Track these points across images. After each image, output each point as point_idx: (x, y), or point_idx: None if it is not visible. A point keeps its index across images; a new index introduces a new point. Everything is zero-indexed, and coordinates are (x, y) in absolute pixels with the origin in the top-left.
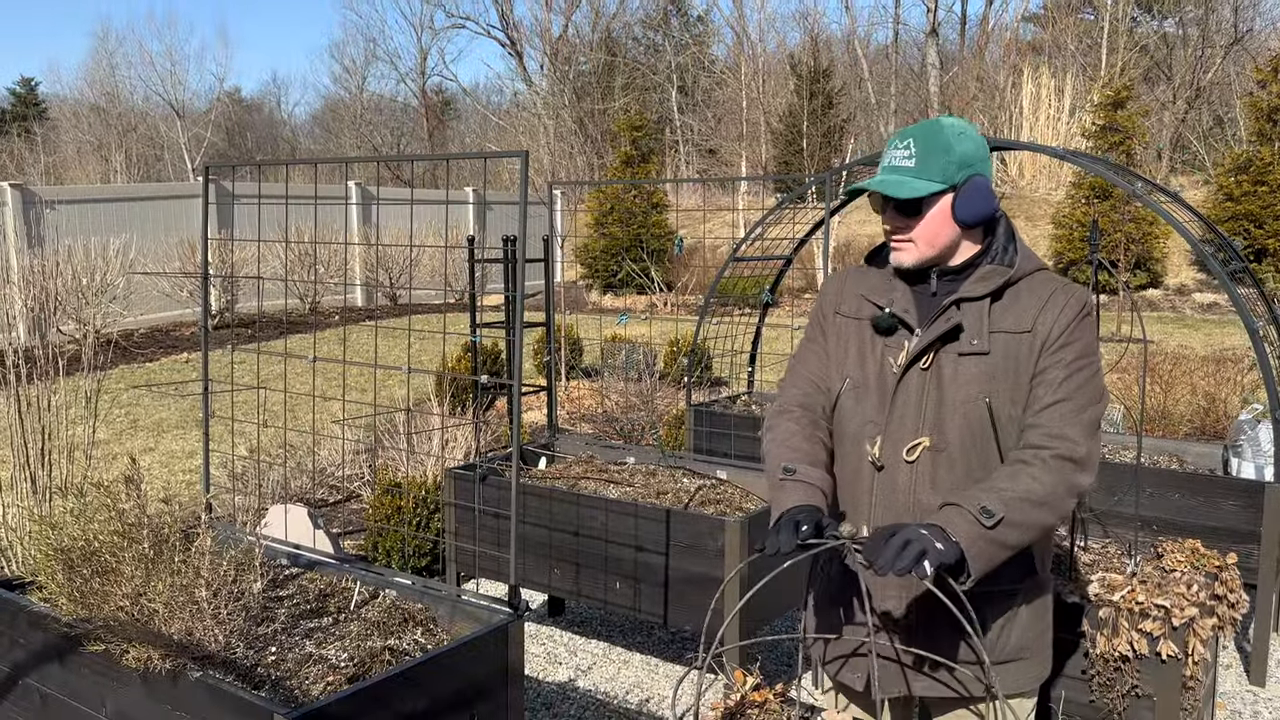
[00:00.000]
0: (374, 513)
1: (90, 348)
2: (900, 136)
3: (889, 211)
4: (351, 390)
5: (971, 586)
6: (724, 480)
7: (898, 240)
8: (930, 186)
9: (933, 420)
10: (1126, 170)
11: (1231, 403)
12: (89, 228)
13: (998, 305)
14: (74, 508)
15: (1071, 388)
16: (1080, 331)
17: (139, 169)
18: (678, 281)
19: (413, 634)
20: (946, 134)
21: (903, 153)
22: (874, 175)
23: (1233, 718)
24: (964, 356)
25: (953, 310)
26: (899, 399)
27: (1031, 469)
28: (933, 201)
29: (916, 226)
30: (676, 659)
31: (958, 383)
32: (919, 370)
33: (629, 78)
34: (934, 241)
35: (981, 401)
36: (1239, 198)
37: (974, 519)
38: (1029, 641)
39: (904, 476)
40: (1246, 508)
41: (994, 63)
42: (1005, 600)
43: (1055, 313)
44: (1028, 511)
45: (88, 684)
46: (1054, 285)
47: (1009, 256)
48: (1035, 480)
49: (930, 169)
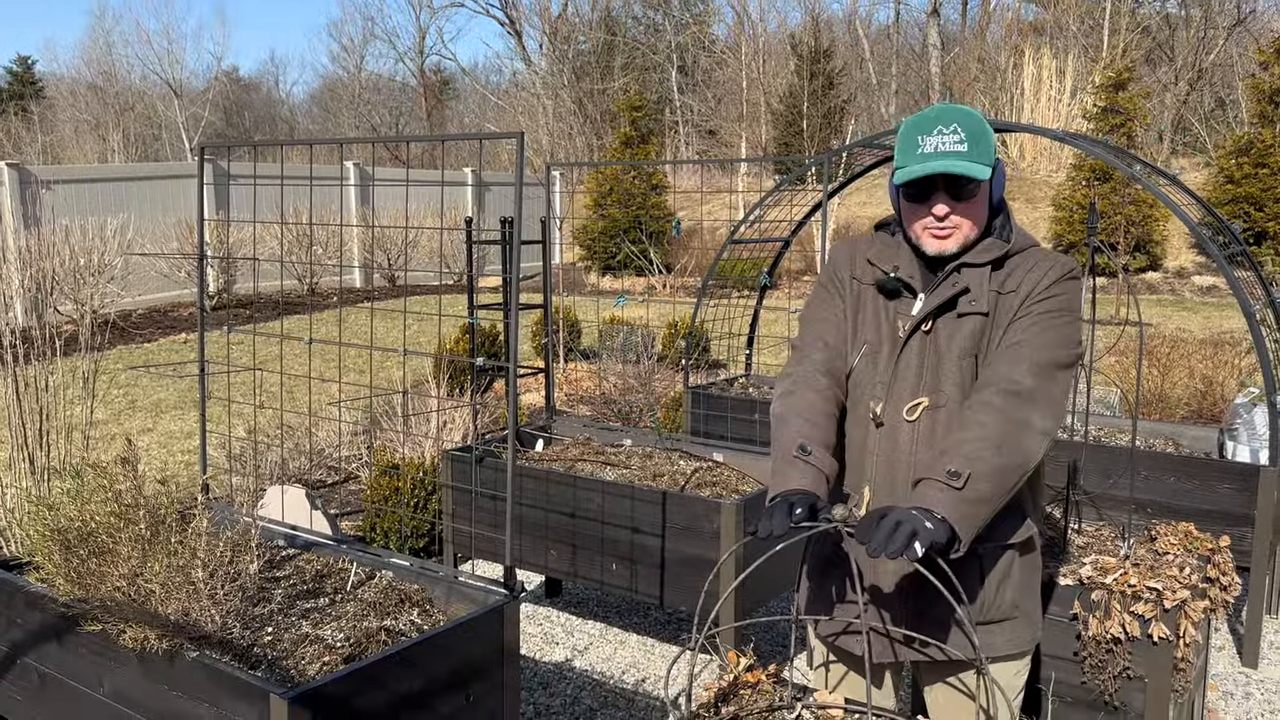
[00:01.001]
0: (372, 494)
1: (88, 328)
2: (940, 119)
3: (938, 198)
4: (349, 371)
5: (964, 551)
6: (720, 463)
7: (943, 229)
8: (986, 170)
9: (931, 380)
10: (1125, 153)
11: (1229, 386)
12: (86, 208)
13: (996, 274)
14: (71, 489)
15: (1032, 334)
16: (1059, 290)
17: (137, 148)
18: (677, 263)
19: (409, 615)
20: (981, 119)
21: (952, 137)
22: (917, 160)
23: (1225, 699)
24: (962, 317)
25: (956, 275)
26: (902, 360)
27: (976, 415)
28: (983, 185)
29: (967, 211)
30: (673, 639)
31: (953, 342)
32: (920, 333)
33: (629, 57)
34: (978, 225)
35: (971, 358)
36: (1240, 180)
37: (944, 486)
38: (1022, 599)
39: (905, 435)
40: (1241, 491)
41: (995, 44)
42: (999, 555)
43: (1039, 274)
44: (988, 458)
45: (85, 663)
46: (1043, 255)
47: (1006, 233)
48: (981, 425)
49: (981, 152)
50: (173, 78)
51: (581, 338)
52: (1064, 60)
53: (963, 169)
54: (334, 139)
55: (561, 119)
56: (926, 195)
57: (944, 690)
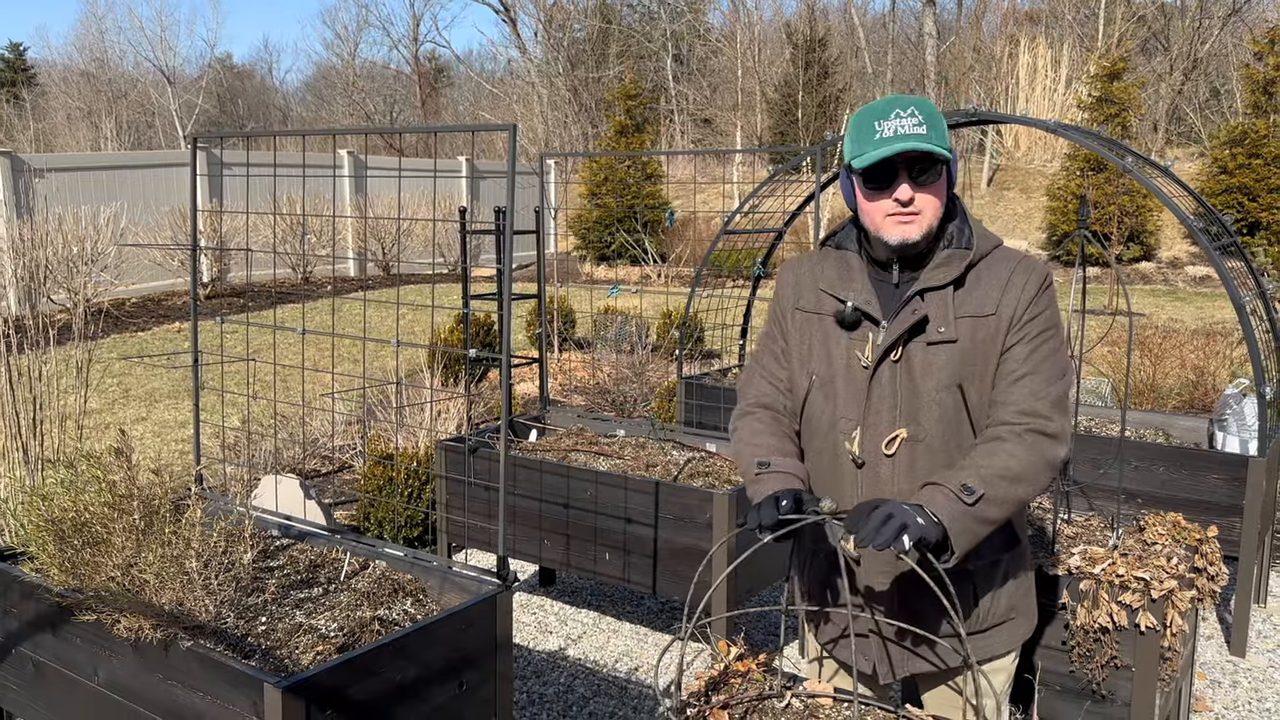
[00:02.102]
0: (366, 484)
1: (81, 317)
2: (895, 105)
3: (901, 183)
4: (344, 361)
5: (955, 564)
6: (713, 453)
7: (906, 215)
8: (947, 152)
9: (908, 412)
10: (1118, 144)
11: (1221, 376)
12: (79, 196)
13: (960, 291)
14: (64, 479)
15: (1037, 361)
16: (1042, 305)
17: (130, 136)
18: (671, 253)
19: (402, 604)
20: (933, 105)
21: (911, 120)
22: (876, 145)
23: (1212, 687)
24: (933, 345)
25: (917, 301)
26: (873, 393)
27: (1007, 445)
28: (943, 168)
29: (929, 196)
30: (665, 628)
31: (930, 372)
32: (890, 363)
33: (624, 45)
34: (938, 212)
35: (954, 389)
36: (1234, 170)
37: (955, 496)
38: (1016, 602)
39: (885, 469)
40: (1230, 481)
41: (991, 33)
42: (990, 571)
43: (1017, 292)
44: (1006, 488)
45: (80, 653)
46: (1012, 264)
47: (965, 238)
48: (1012, 457)
49: (939, 136)
50: (166, 65)
51: (576, 327)
52: (1059, 50)
53: (927, 147)
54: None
55: (556, 107)
56: (889, 181)
57: (939, 691)
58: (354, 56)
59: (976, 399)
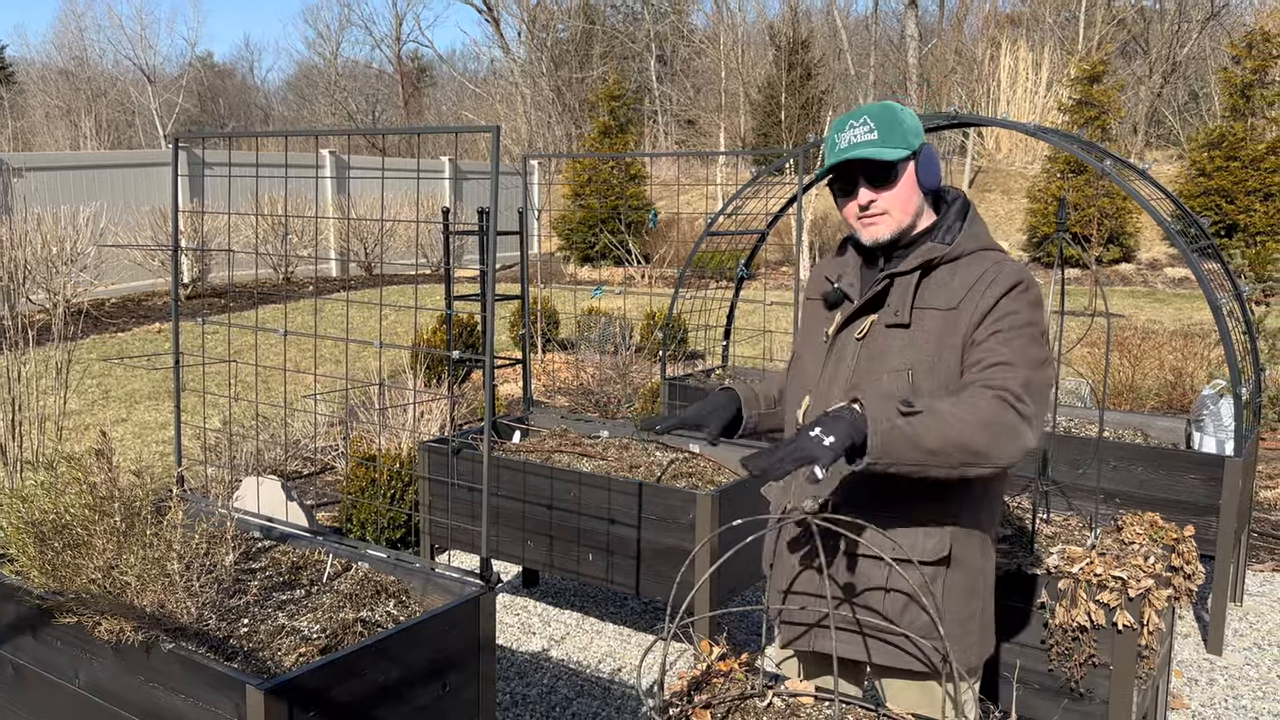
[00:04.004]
0: (348, 485)
1: (61, 318)
2: (852, 117)
3: (860, 188)
4: (326, 362)
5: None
6: (697, 454)
7: (871, 216)
8: (899, 153)
9: (857, 384)
10: (1097, 147)
11: (1199, 377)
12: (59, 195)
13: (930, 281)
14: (44, 481)
15: (1010, 352)
16: (1014, 303)
17: (109, 135)
18: (655, 254)
19: (385, 606)
20: (895, 109)
21: (862, 129)
22: (832, 157)
23: (1189, 685)
24: (890, 329)
25: (888, 282)
26: (829, 364)
27: (976, 398)
28: (902, 169)
29: (890, 196)
30: (648, 629)
31: (885, 354)
32: (854, 339)
33: (607, 46)
34: (906, 209)
35: (904, 373)
36: (1212, 173)
37: (891, 403)
38: (947, 626)
39: None
40: (1207, 481)
41: (973, 35)
42: (912, 573)
43: (983, 288)
44: (956, 425)
45: (60, 656)
46: (988, 264)
47: (950, 235)
48: (975, 406)
49: (893, 139)
50: (146, 63)
51: (559, 328)
52: (1040, 53)
53: (869, 153)
54: (311, 130)
55: (540, 107)
56: (852, 187)
57: (901, 686)
58: (336, 55)
59: (926, 390)
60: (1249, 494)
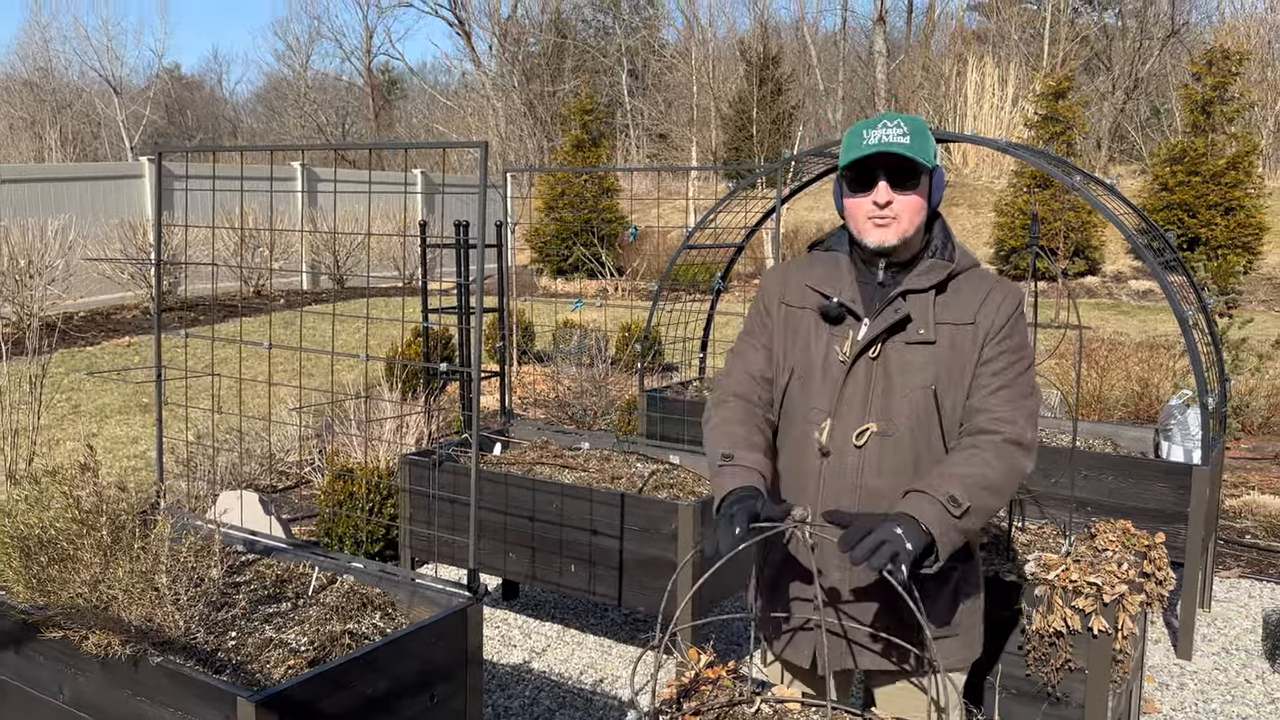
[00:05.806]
0: (326, 498)
1: (35, 332)
2: (885, 118)
3: (880, 184)
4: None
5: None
6: (677, 465)
7: (884, 217)
8: (928, 161)
9: (880, 407)
10: (1064, 162)
11: (1164, 388)
12: (25, 208)
13: (941, 297)
14: (29, 495)
15: (1012, 375)
16: (1017, 326)
17: (75, 147)
18: (629, 266)
19: (371, 618)
20: (925, 124)
21: (896, 130)
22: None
23: (1161, 690)
24: (911, 345)
25: (900, 301)
26: (848, 386)
27: (984, 454)
28: (924, 180)
29: (906, 201)
30: (630, 640)
31: (906, 371)
32: (867, 359)
33: (579, 60)
34: (914, 220)
35: (929, 389)
36: (1174, 187)
37: (943, 508)
38: (961, 618)
39: (852, 461)
40: (1176, 489)
41: (940, 52)
42: (942, 577)
43: (995, 307)
44: (985, 497)
45: (45, 671)
46: (991, 281)
47: (948, 253)
48: (989, 466)
49: (923, 149)
50: (112, 75)
51: (535, 340)
52: (1006, 69)
53: (906, 151)
54: (287, 145)
55: (512, 121)
56: (870, 184)
57: (894, 691)
58: (306, 68)
59: (949, 403)
60: (1216, 502)
